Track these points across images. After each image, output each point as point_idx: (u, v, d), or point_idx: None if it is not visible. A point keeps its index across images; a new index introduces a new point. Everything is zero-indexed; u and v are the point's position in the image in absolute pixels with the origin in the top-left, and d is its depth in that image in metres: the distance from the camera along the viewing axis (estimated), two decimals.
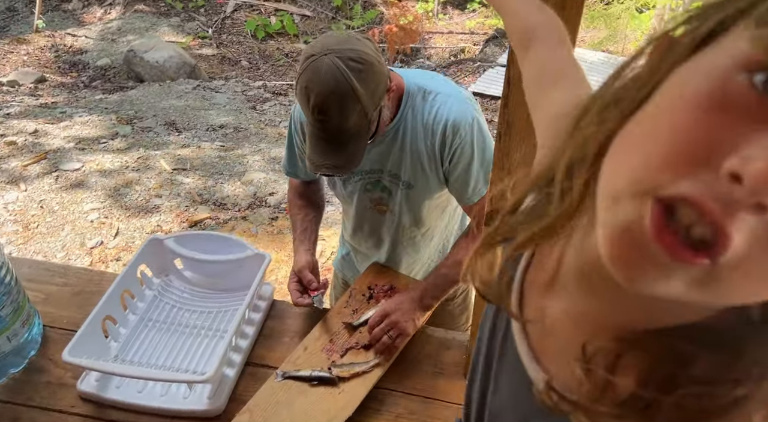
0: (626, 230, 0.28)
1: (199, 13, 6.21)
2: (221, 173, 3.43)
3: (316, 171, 1.15)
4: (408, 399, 1.18)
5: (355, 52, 1.04)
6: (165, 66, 4.94)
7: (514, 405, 0.45)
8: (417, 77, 1.22)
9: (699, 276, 0.27)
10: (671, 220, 0.27)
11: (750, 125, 0.25)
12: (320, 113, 1.06)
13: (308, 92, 1.05)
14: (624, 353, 0.34)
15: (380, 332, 1.21)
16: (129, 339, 1.28)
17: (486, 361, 0.53)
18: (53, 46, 5.45)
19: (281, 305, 1.40)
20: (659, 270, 0.28)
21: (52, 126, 3.84)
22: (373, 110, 1.10)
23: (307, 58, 1.07)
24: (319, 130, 1.10)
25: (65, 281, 1.45)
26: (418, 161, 1.22)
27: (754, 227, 0.25)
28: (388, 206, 1.32)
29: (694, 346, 0.32)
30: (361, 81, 1.04)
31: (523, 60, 0.66)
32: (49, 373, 1.22)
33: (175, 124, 4.03)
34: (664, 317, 0.34)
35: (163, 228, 2.94)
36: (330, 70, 1.03)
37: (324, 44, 1.06)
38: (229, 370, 1.20)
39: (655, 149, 0.28)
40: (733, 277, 0.27)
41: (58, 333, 1.30)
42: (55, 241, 2.82)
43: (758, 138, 0.25)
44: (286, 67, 5.47)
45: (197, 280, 1.42)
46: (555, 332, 0.41)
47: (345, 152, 1.11)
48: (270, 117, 4.23)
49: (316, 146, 1.12)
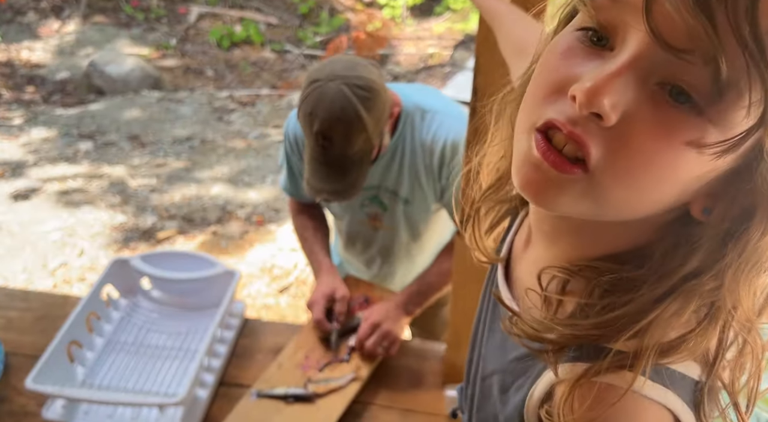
0: (525, 159, 0.37)
1: (161, 24, 6.11)
2: (188, 187, 3.37)
3: (315, 196, 1.14)
4: (387, 413, 1.17)
5: (362, 80, 1.04)
6: (127, 78, 4.84)
7: (498, 362, 0.51)
8: (414, 95, 1.22)
9: (583, 187, 0.36)
10: (551, 144, 0.36)
11: (585, 63, 0.35)
12: (324, 139, 1.05)
13: (313, 118, 1.04)
14: (570, 278, 0.43)
15: (374, 345, 1.19)
16: (96, 363, 1.24)
17: (477, 330, 0.61)
18: (8, 61, 5.29)
19: (253, 323, 1.38)
20: (554, 186, 0.36)
21: (8, 144, 3.71)
22: (377, 137, 1.09)
23: (312, 82, 1.05)
24: (321, 155, 1.08)
25: (27, 305, 1.40)
26: (416, 179, 1.22)
27: (601, 134, 0.34)
28: (383, 222, 1.32)
29: (619, 265, 0.40)
30: (367, 109, 1.04)
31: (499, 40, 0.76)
32: (12, 402, 1.17)
33: (139, 137, 3.95)
34: (597, 249, 0.42)
35: (130, 245, 2.87)
36: (337, 97, 1.02)
37: (331, 70, 1.05)
38: (201, 391, 1.17)
39: (535, 91, 0.38)
40: (607, 182, 0.35)
41: (20, 360, 1.25)
42: (15, 263, 2.72)
43: (589, 69, 0.34)
44: (253, 77, 5.42)
45: (166, 299, 1.39)
46: (526, 280, 0.49)
47: (347, 178, 1.10)
48: (237, 128, 4.18)
49: (316, 170, 1.11)
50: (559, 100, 0.36)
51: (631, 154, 0.34)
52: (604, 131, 0.34)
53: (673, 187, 0.35)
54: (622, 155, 0.34)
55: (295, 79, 5.29)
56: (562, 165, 0.35)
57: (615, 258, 0.41)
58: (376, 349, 1.20)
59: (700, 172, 0.34)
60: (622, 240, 0.41)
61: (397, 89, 1.21)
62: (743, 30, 0.29)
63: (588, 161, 0.35)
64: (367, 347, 1.19)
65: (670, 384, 0.38)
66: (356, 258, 1.45)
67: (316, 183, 1.11)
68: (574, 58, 0.36)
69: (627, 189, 0.35)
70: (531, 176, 0.37)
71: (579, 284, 0.42)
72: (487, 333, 0.57)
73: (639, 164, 0.34)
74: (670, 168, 0.34)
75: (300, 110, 1.08)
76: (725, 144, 0.32)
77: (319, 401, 1.14)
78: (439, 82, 5.29)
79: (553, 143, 0.36)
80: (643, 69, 0.33)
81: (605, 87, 0.33)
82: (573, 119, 0.35)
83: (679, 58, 0.31)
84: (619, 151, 0.34)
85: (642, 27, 0.32)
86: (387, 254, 1.39)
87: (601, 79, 0.33)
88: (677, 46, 0.31)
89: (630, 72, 0.33)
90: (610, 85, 0.33)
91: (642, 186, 0.35)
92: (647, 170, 0.34)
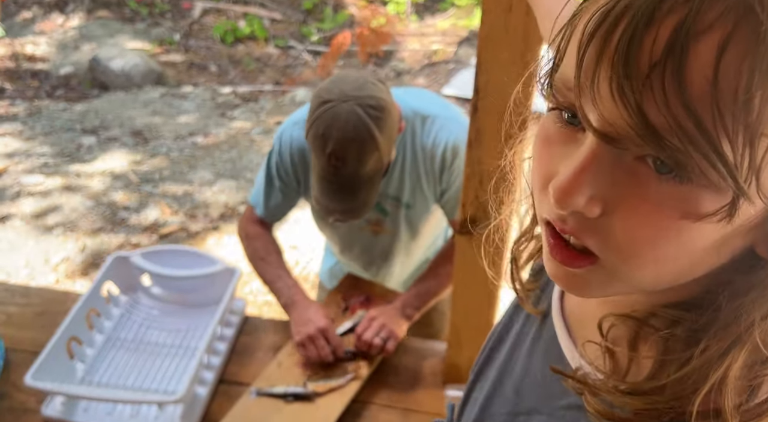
0: (546, 253, 0.36)
1: (164, 19, 6.10)
2: (191, 183, 3.37)
3: (328, 216, 1.13)
4: (386, 412, 1.16)
5: (374, 100, 1.03)
6: (131, 74, 4.83)
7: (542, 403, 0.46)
8: (411, 102, 1.20)
9: (604, 274, 0.34)
10: (561, 237, 0.35)
11: (562, 150, 0.34)
12: (337, 160, 1.04)
13: (326, 140, 1.03)
14: (640, 329, 0.37)
15: (371, 334, 1.18)
16: (96, 360, 1.24)
17: (498, 352, 0.56)
18: (13, 55, 5.29)
19: (254, 321, 1.37)
20: (577, 279, 0.35)
21: (12, 139, 3.72)
22: (387, 155, 1.09)
23: (322, 103, 1.04)
24: (332, 175, 1.07)
25: (27, 301, 1.40)
26: (417, 183, 1.22)
27: (593, 225, 0.32)
28: (384, 227, 1.31)
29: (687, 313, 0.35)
30: (380, 129, 1.03)
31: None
32: (11, 398, 1.17)
33: (142, 133, 3.94)
34: (665, 295, 0.36)
35: (132, 241, 2.87)
36: (350, 118, 1.01)
37: (341, 90, 1.03)
38: (201, 389, 1.17)
39: (533, 184, 0.37)
40: (621, 267, 0.33)
41: (20, 356, 1.25)
42: (17, 258, 2.73)
43: (564, 161, 0.33)
44: (256, 72, 5.41)
45: (166, 296, 1.39)
46: (585, 322, 0.44)
47: (359, 197, 1.09)
48: (240, 124, 4.17)
49: (327, 190, 1.09)
50: (547, 197, 0.34)
51: (628, 239, 0.32)
52: (595, 222, 0.32)
53: (696, 255, 0.32)
54: (621, 241, 0.32)
55: (298, 75, 5.28)
56: (570, 260, 0.34)
57: (683, 306, 0.36)
58: (373, 340, 1.18)
59: (718, 236, 0.31)
60: (692, 286, 0.36)
61: (396, 97, 1.20)
62: (680, 120, 0.27)
63: (593, 253, 0.33)
64: (364, 338, 1.19)
65: None
66: (354, 261, 1.44)
67: (328, 203, 1.10)
68: (553, 147, 0.35)
69: (645, 269, 0.32)
70: (554, 271, 0.36)
71: (647, 336, 0.37)
72: (521, 362, 0.51)
73: (641, 246, 0.31)
74: (679, 242, 0.31)
75: (310, 130, 1.06)
76: (725, 210, 0.29)
77: (318, 400, 1.13)
78: (443, 79, 5.27)
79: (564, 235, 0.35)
80: (611, 152, 0.31)
81: (575, 184, 0.31)
82: (562, 216, 0.33)
83: (625, 149, 0.30)
84: (614, 238, 0.32)
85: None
86: (387, 256, 1.38)
87: (569, 177, 0.31)
88: (619, 138, 0.30)
89: (596, 160, 0.31)
90: (580, 180, 0.31)
91: (660, 263, 0.32)
92: (655, 248, 0.31)
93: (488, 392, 0.53)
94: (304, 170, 1.22)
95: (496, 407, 0.51)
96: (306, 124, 1.08)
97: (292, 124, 1.21)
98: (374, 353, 1.20)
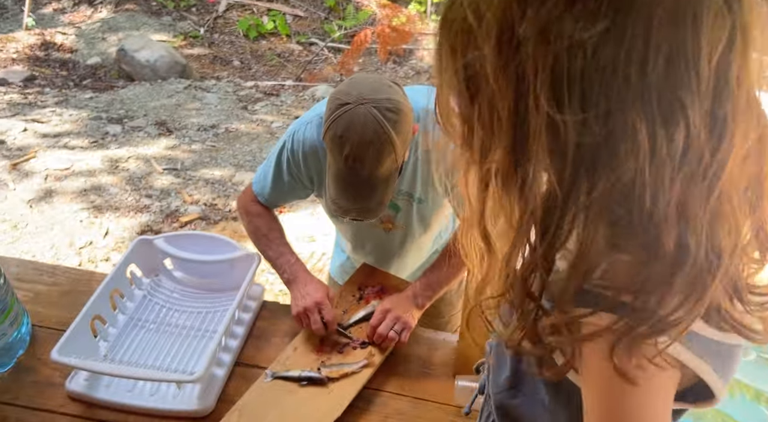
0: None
1: (190, 13, 6.19)
2: (212, 173, 3.42)
3: (344, 216, 1.15)
4: (397, 400, 1.18)
5: (391, 102, 1.05)
6: (156, 65, 4.92)
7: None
8: (422, 100, 1.20)
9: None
10: None
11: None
12: (354, 161, 1.06)
13: (344, 141, 1.05)
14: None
15: (386, 328, 1.21)
16: (118, 339, 1.27)
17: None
18: (43, 45, 5.41)
19: (271, 306, 1.40)
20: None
21: (41, 125, 3.81)
22: (402, 156, 1.11)
23: (340, 105, 1.06)
24: (349, 175, 1.09)
25: (54, 280, 1.44)
26: (428, 178, 1.23)
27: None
28: (396, 223, 1.33)
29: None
30: (396, 131, 1.05)
31: None
32: (37, 373, 1.21)
33: (165, 123, 4.02)
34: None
35: (153, 228, 2.93)
36: (368, 120, 1.03)
37: (359, 93, 1.05)
38: (218, 370, 1.20)
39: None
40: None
41: (46, 333, 1.30)
42: (43, 241, 2.80)
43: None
44: (278, 68, 5.46)
45: (187, 280, 1.42)
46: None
47: (375, 197, 1.11)
48: (261, 117, 4.22)
49: (344, 190, 1.11)
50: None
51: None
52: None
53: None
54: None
55: (319, 71, 5.32)
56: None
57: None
58: (387, 332, 1.21)
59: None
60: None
61: (408, 96, 1.20)
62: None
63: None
64: (379, 331, 1.21)
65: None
66: (366, 258, 1.46)
67: (344, 203, 1.12)
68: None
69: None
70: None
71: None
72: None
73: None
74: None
75: (327, 132, 1.08)
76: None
77: (331, 385, 1.16)
78: None
79: None
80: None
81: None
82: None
83: None
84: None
85: None
86: (399, 252, 1.41)
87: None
88: None
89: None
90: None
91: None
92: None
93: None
94: (318, 169, 1.24)
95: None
96: (323, 125, 1.10)
97: (305, 123, 1.23)
98: (387, 346, 1.23)
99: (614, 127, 0.40)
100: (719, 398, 0.50)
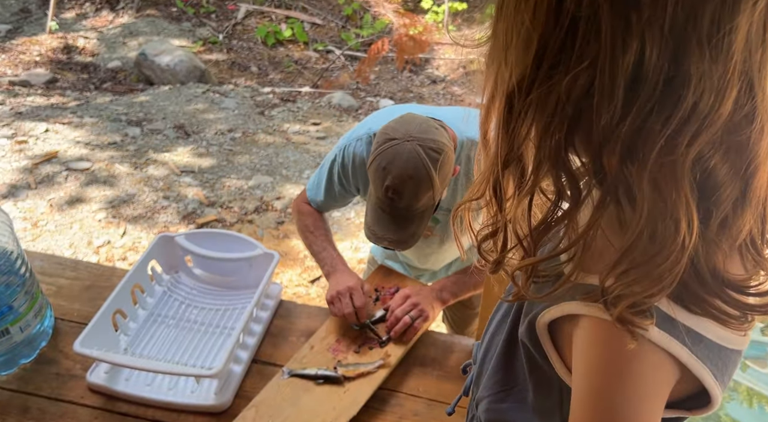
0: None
1: (210, 19, 6.28)
2: (228, 177, 3.46)
3: (376, 242, 1.19)
4: (412, 401, 1.19)
5: (435, 143, 1.10)
6: (175, 70, 4.99)
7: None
8: (467, 131, 1.24)
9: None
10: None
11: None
12: (393, 193, 1.11)
13: (386, 173, 1.10)
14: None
15: (402, 312, 1.25)
16: (138, 334, 1.29)
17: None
18: (65, 48, 5.51)
19: (288, 305, 1.42)
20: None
21: (62, 126, 3.88)
22: (440, 194, 1.15)
23: (388, 140, 1.11)
24: (387, 206, 1.14)
25: (76, 275, 1.47)
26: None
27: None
28: (434, 232, 1.38)
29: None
30: (436, 169, 1.09)
31: None
32: (59, 364, 1.23)
33: (183, 127, 4.07)
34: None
35: (170, 229, 2.96)
36: (411, 156, 1.08)
37: (407, 131, 1.11)
38: (236, 366, 1.22)
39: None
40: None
41: (68, 325, 1.32)
42: (63, 239, 2.85)
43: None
44: (295, 74, 5.52)
45: (206, 277, 1.44)
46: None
47: (408, 229, 1.15)
48: (278, 123, 4.26)
49: (380, 219, 1.16)
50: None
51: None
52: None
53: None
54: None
55: (335, 78, 5.36)
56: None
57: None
58: (403, 316, 1.24)
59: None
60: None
61: (451, 124, 1.23)
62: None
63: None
64: (396, 313, 1.24)
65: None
66: (398, 263, 1.51)
67: (379, 231, 1.17)
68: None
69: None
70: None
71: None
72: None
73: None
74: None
75: (372, 163, 1.13)
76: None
77: (347, 384, 1.17)
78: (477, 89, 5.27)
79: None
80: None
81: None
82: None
83: None
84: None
85: None
86: (435, 254, 1.45)
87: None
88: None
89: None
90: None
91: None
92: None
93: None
94: (364, 181, 1.29)
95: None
96: (370, 157, 1.15)
97: (356, 139, 1.28)
98: (400, 329, 1.24)
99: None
100: (716, 404, 0.49)
